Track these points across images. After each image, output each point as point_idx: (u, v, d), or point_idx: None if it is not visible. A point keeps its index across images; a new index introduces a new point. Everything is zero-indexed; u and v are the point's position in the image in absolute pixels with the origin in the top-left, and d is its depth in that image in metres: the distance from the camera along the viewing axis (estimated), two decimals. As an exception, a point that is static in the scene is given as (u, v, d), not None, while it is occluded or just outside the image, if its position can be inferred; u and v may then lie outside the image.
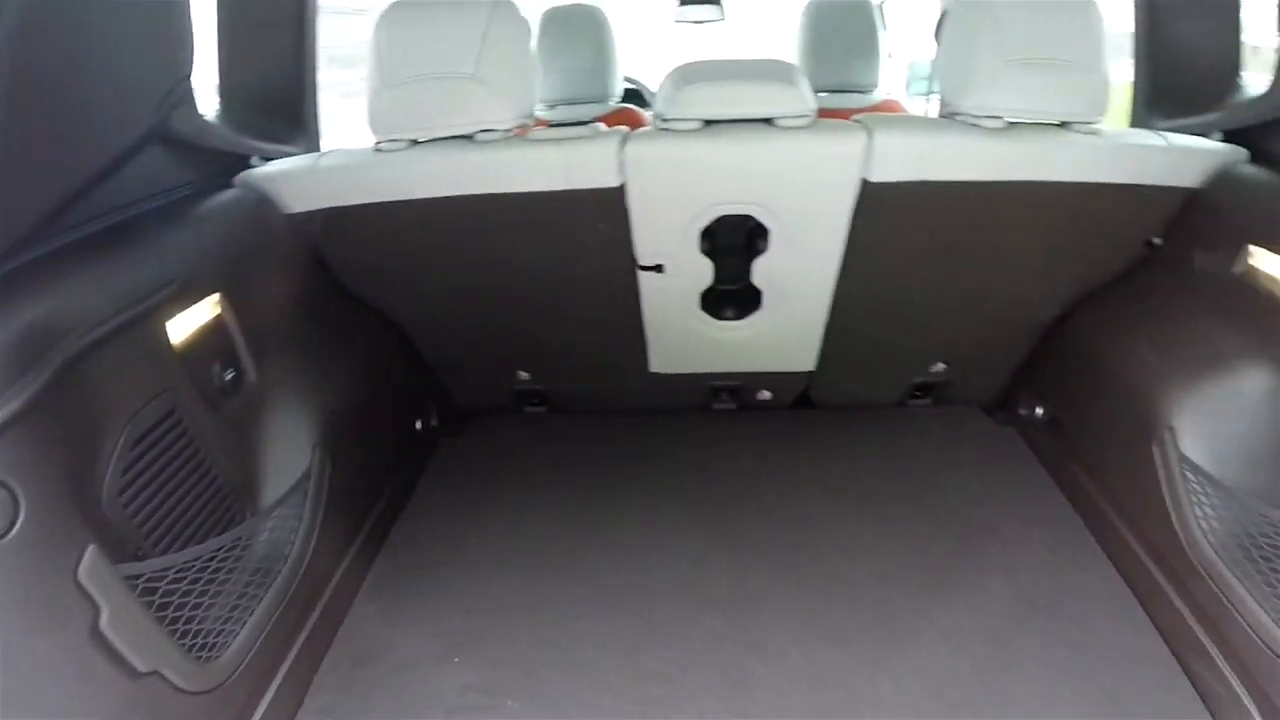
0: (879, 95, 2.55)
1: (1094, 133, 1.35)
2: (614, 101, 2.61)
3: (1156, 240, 1.52)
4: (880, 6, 2.86)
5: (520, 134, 1.42)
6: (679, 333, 1.76)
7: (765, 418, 2.07)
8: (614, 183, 1.40)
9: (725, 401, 2.06)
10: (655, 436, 2.04)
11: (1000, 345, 1.86)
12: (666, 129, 1.41)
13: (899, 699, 1.26)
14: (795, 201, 1.45)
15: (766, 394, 2.01)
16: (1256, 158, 1.38)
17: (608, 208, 1.44)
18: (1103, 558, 1.52)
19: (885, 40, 2.76)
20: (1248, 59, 1.51)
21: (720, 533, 1.67)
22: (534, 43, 2.81)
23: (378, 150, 1.44)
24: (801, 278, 1.60)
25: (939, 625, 1.40)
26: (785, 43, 2.68)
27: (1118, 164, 1.37)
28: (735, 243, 1.63)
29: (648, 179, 1.41)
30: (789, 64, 1.41)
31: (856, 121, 1.37)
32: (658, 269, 1.58)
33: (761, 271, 1.58)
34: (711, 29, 2.98)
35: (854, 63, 2.51)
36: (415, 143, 1.42)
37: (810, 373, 1.87)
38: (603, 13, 2.60)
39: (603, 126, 1.44)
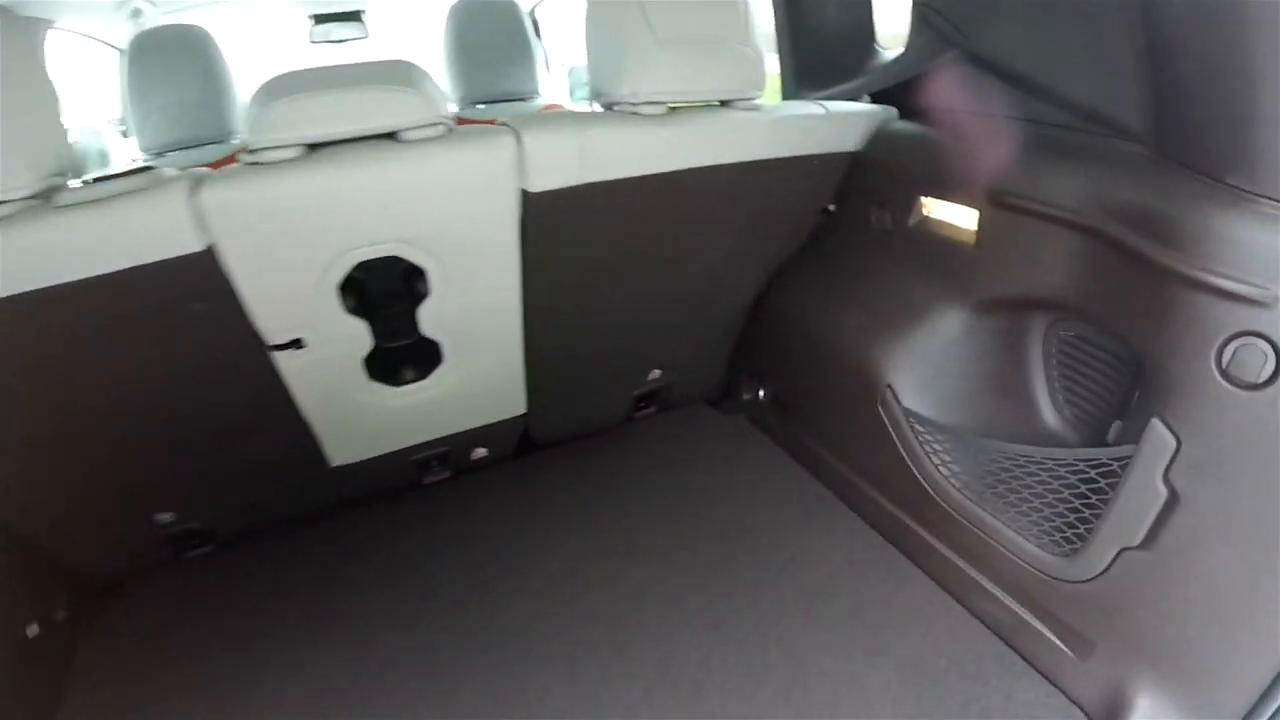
0: (541, 103, 2.38)
1: (755, 109, 1.29)
2: (238, 139, 2.09)
3: (830, 207, 1.53)
4: (532, 13, 2.74)
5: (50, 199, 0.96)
6: (351, 413, 1.37)
7: (488, 476, 1.75)
8: (195, 246, 0.99)
9: (437, 471, 1.70)
10: (360, 538, 1.60)
11: (709, 337, 1.79)
12: (258, 161, 1.03)
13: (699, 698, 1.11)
14: (446, 230, 1.17)
15: (482, 451, 1.69)
16: (904, 114, 1.43)
17: (198, 279, 1.03)
18: (861, 523, 1.49)
19: (541, 48, 2.64)
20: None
21: (462, 631, 1.33)
22: (122, 78, 2.20)
23: None
24: (481, 316, 1.33)
25: (728, 655, 1.23)
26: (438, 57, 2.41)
27: (783, 137, 1.33)
28: (391, 289, 1.28)
29: (243, 233, 1.02)
30: (409, 63, 1.12)
31: (502, 124, 1.14)
32: (296, 345, 1.19)
33: (431, 320, 1.28)
34: (355, 49, 2.59)
35: (508, 70, 2.32)
36: None
37: (524, 415, 1.61)
38: (207, 34, 2.06)
39: (171, 171, 1.02)
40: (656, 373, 1.76)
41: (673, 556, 1.45)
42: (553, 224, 1.23)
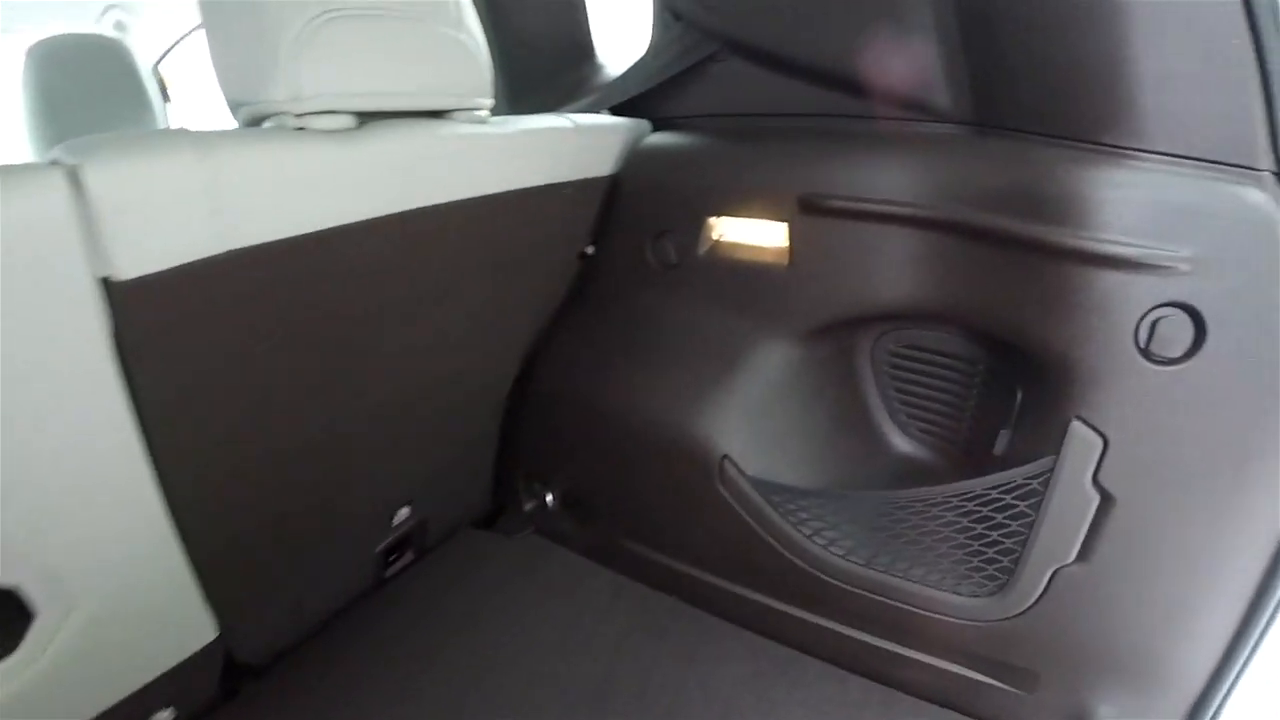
0: None
1: (480, 121, 0.93)
2: None
3: (589, 249, 1.23)
4: (155, 69, 1.99)
5: None
6: None
7: None
8: None
9: None
10: None
11: (467, 443, 1.33)
12: None
13: None
14: None
15: (166, 714, 0.98)
16: (658, 126, 1.20)
17: None
18: (734, 630, 1.17)
19: (165, 110, 1.87)
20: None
21: None
22: None
23: None
24: (79, 514, 0.72)
25: None
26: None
27: (527, 158, 0.99)
28: None
29: None
30: None
31: (52, 161, 0.60)
32: None
33: None
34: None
35: (117, 125, 1.58)
36: None
37: (219, 638, 0.97)
38: None
39: None
40: (404, 511, 1.24)
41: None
42: (176, 332, 0.70)
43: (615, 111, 1.23)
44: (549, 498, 1.35)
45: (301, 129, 0.75)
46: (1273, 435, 0.76)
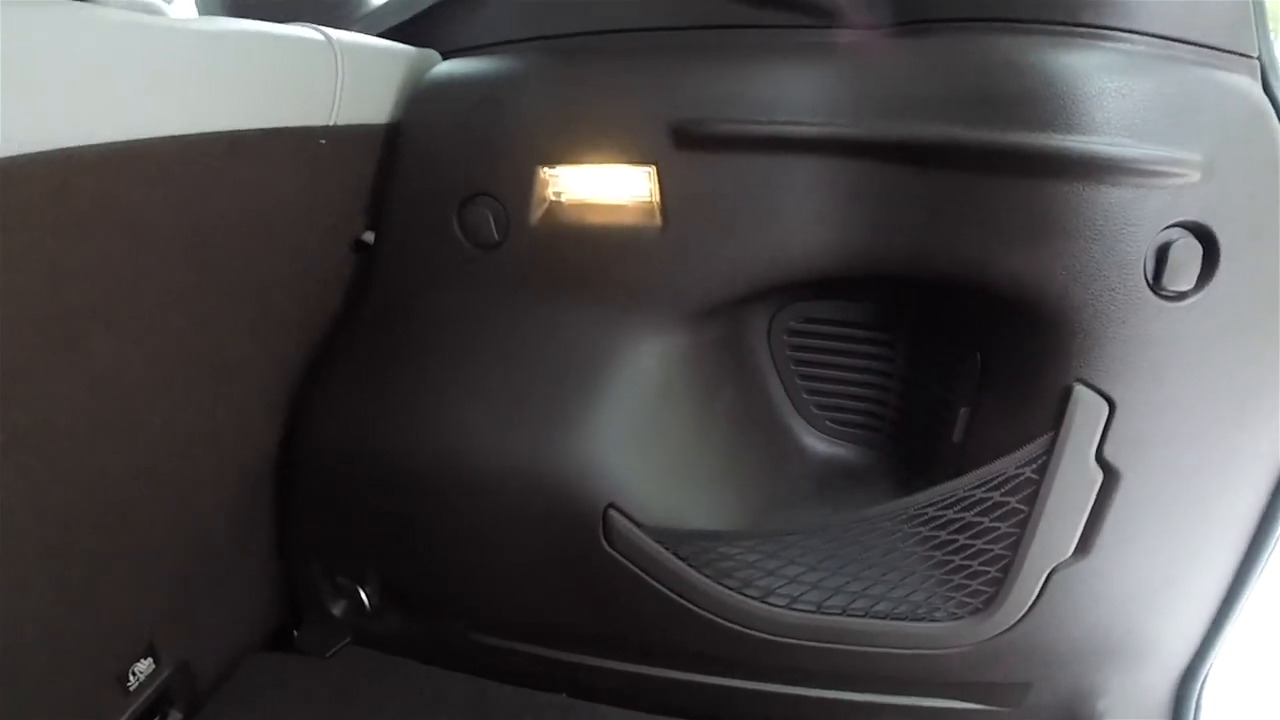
0: None
1: (155, 10, 0.56)
2: None
3: (367, 236, 0.86)
4: None
5: None
6: None
7: None
8: None
9: None
10: None
11: (222, 542, 0.88)
12: None
13: None
14: None
15: None
16: (450, 55, 0.86)
17: None
18: (625, 713, 0.87)
19: None
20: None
21: None
22: None
23: None
24: None
25: None
26: None
27: (240, 84, 0.61)
28: None
29: None
30: None
31: None
32: None
33: None
34: None
35: None
36: None
37: None
38: None
39: None
40: (144, 665, 0.78)
41: None
42: None
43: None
44: (364, 594, 0.94)
45: None
46: (1273, 370, 0.62)
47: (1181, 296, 0.60)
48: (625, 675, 0.86)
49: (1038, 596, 0.72)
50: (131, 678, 0.77)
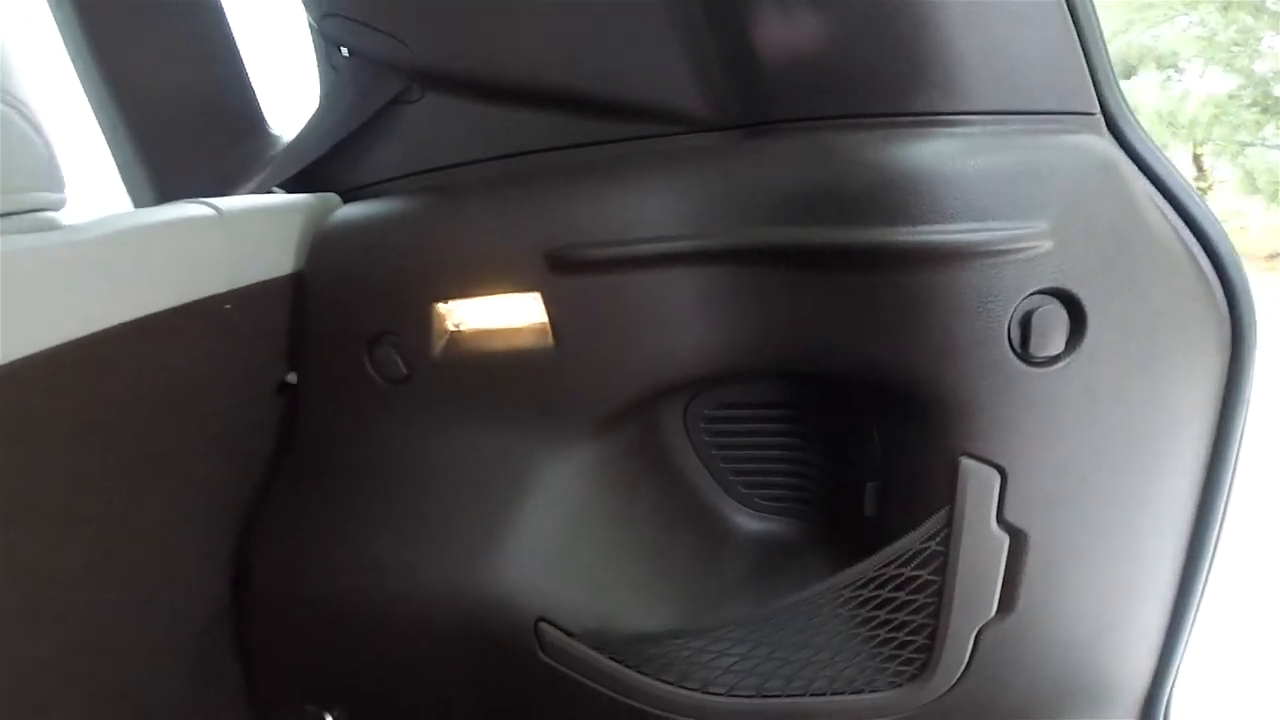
0: None
1: (52, 226, 0.60)
2: None
3: (289, 378, 0.88)
4: None
5: None
6: None
7: None
8: None
9: None
10: None
11: (179, 700, 0.87)
12: None
13: None
14: None
15: None
16: (350, 196, 0.90)
17: None
18: None
19: None
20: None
21: None
22: None
23: None
24: None
25: None
26: None
27: (144, 276, 0.66)
28: None
29: None
30: None
31: None
32: None
33: None
34: None
35: None
36: None
37: None
38: None
39: None
40: None
41: None
42: None
43: (291, 188, 0.91)
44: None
45: None
46: (1168, 417, 0.64)
47: (1054, 360, 0.62)
48: None
49: (971, 656, 0.73)
50: None
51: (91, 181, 0.96)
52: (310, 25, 0.85)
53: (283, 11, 0.91)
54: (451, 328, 0.82)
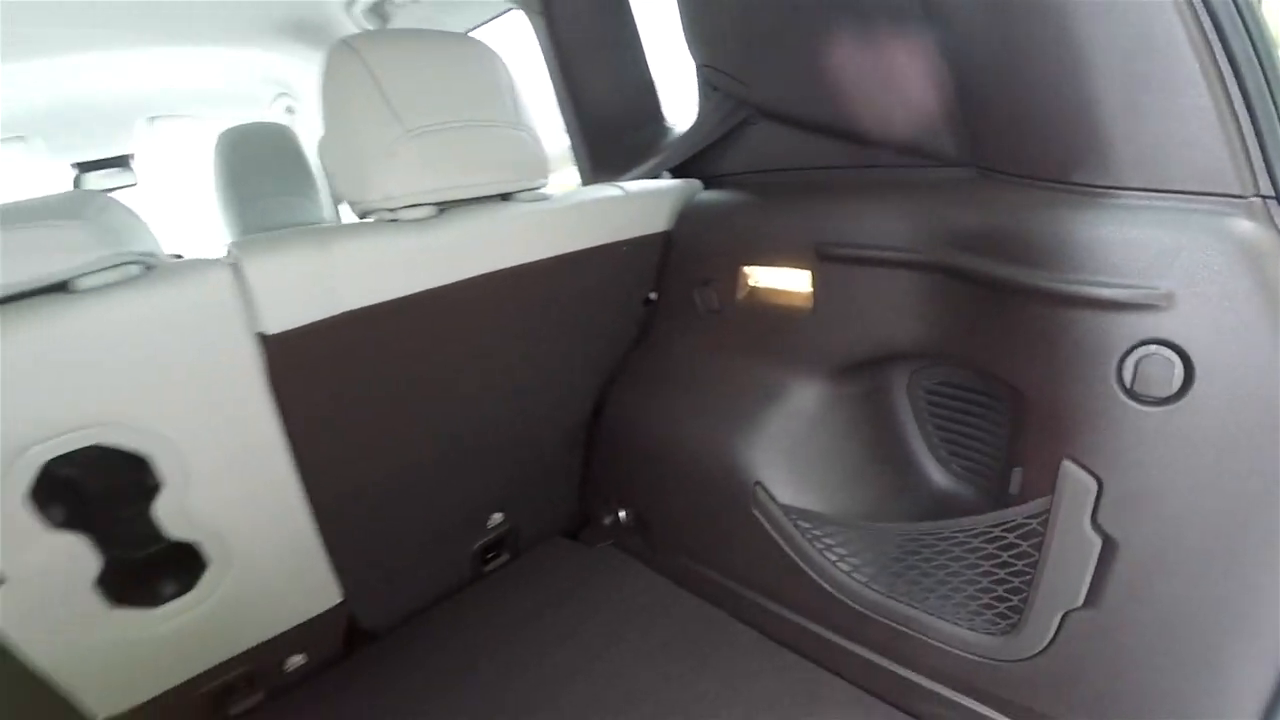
0: None
1: (543, 199, 1.13)
2: None
3: (652, 295, 1.38)
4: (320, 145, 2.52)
5: None
6: (101, 651, 0.98)
7: (313, 687, 1.32)
8: None
9: (244, 697, 1.26)
10: None
11: (552, 462, 1.53)
12: None
13: None
14: (162, 401, 0.88)
15: (299, 658, 1.29)
16: (710, 184, 1.33)
17: None
18: (771, 646, 1.24)
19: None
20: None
21: None
22: None
23: None
24: (244, 498, 1.01)
25: None
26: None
27: (581, 226, 1.17)
28: (112, 486, 0.96)
29: None
30: (84, 192, 0.89)
31: (222, 258, 0.89)
32: None
33: (174, 516, 0.95)
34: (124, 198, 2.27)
35: (287, 198, 2.05)
36: None
37: (343, 602, 1.25)
38: None
39: None
40: (498, 516, 1.47)
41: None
42: (311, 369, 0.96)
43: (674, 172, 1.38)
44: (622, 515, 1.50)
45: (394, 219, 0.99)
46: (1272, 477, 0.71)
47: (1163, 402, 0.74)
48: (755, 605, 1.24)
49: (1055, 635, 0.89)
50: (489, 522, 1.43)
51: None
52: (696, 68, 1.27)
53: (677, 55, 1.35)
54: (749, 284, 1.21)
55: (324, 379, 0.99)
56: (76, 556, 0.89)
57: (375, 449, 1.14)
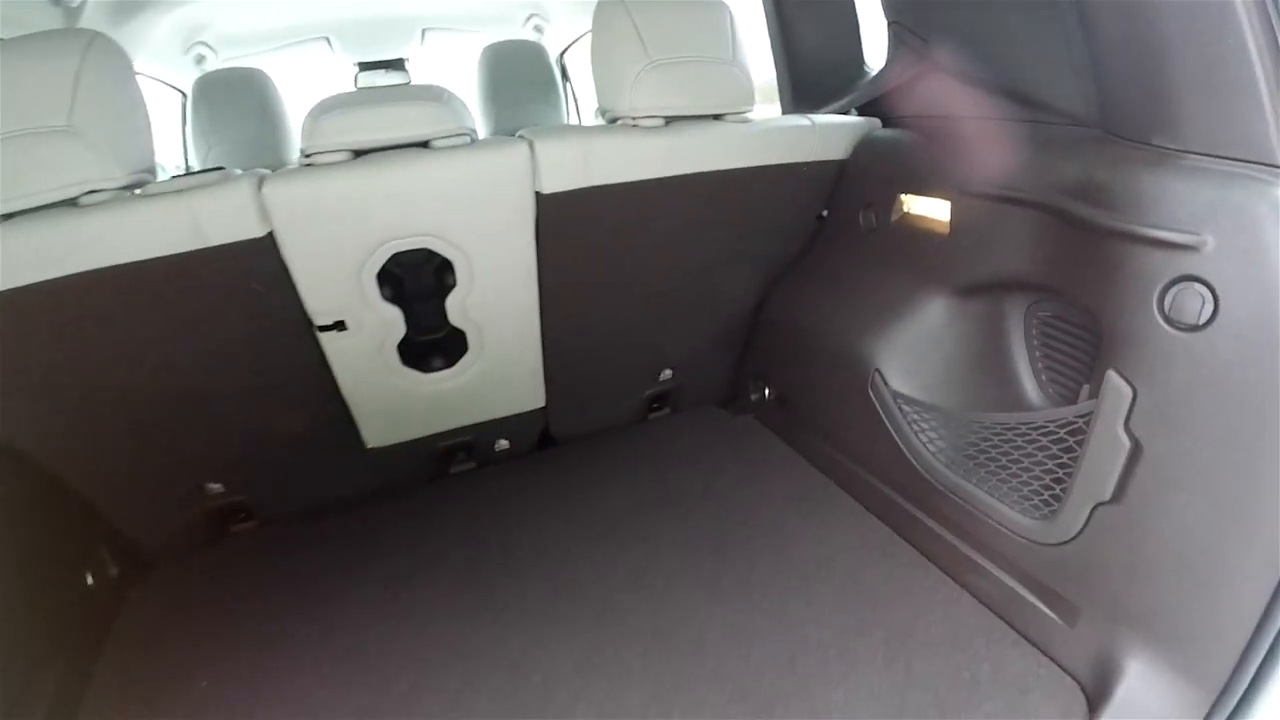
0: None
1: (745, 121, 1.44)
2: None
3: (824, 213, 1.65)
4: (561, 57, 2.99)
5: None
6: (386, 396, 1.52)
7: (511, 469, 1.86)
8: (258, 232, 1.17)
9: (462, 462, 1.83)
10: (392, 522, 1.70)
11: (717, 340, 1.89)
12: (312, 163, 1.23)
13: (696, 717, 1.12)
14: (470, 227, 1.34)
15: (504, 443, 1.82)
16: (887, 123, 1.55)
17: (259, 262, 1.21)
18: (857, 507, 1.54)
19: (570, 89, 2.87)
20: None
21: (490, 608, 1.40)
22: (185, 117, 2.52)
23: None
24: (502, 308, 1.48)
25: (725, 628, 1.28)
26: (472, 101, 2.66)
27: (772, 146, 1.46)
28: (423, 284, 1.47)
29: (298, 222, 1.21)
30: (439, 86, 1.33)
31: (519, 136, 1.31)
32: (339, 327, 1.35)
33: (458, 310, 1.44)
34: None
35: (535, 107, 2.54)
36: (6, 218, 1.09)
37: (544, 408, 1.73)
38: (265, 75, 2.38)
39: (238, 171, 1.20)
40: (668, 373, 1.87)
41: (677, 540, 1.52)
42: (564, 223, 1.37)
43: (859, 110, 1.62)
44: (766, 393, 1.84)
45: (635, 125, 1.37)
46: (1274, 406, 0.86)
47: (1192, 329, 0.90)
48: (860, 479, 1.53)
49: (1085, 524, 1.07)
50: (660, 376, 1.85)
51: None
52: (887, 24, 1.49)
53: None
54: (904, 210, 1.45)
55: (572, 235, 1.41)
56: (392, 323, 1.40)
57: (591, 296, 1.56)
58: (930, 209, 1.38)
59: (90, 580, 1.41)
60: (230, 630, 1.41)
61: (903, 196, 1.44)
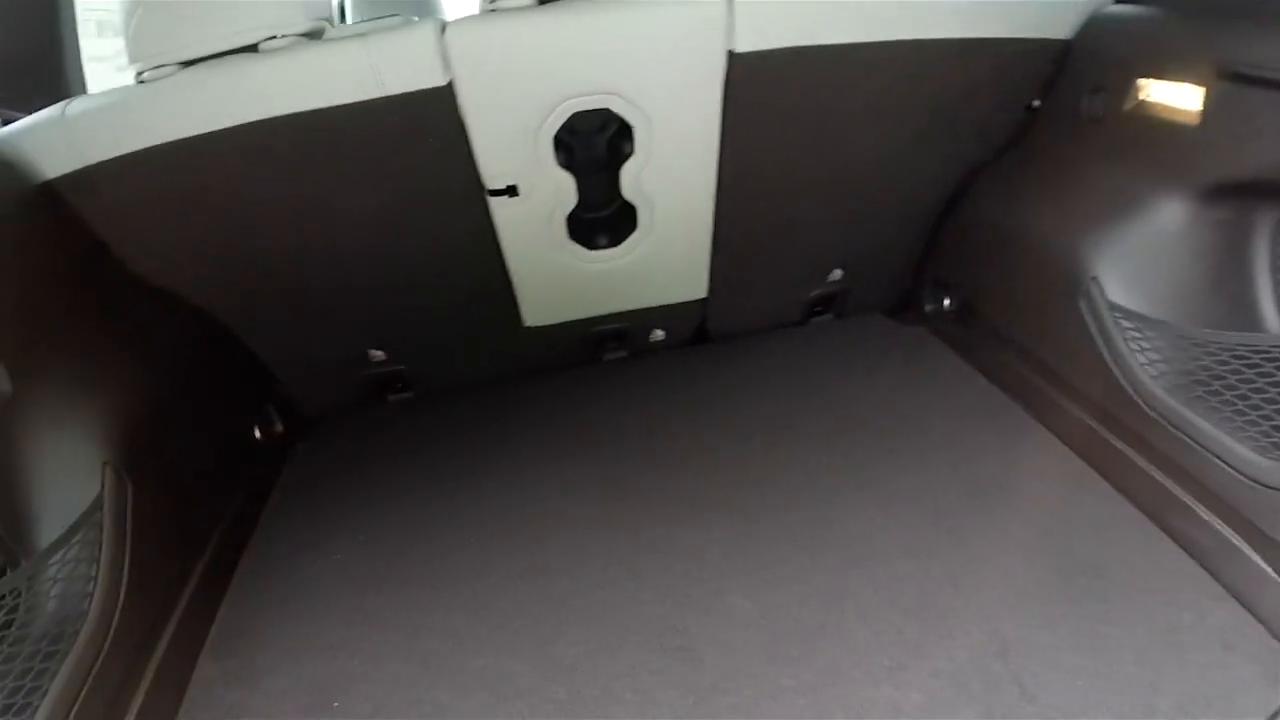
0: None
1: None
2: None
3: (1036, 103, 1.46)
4: None
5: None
6: (550, 271, 1.53)
7: (663, 361, 1.86)
8: (439, 80, 1.16)
9: (615, 349, 1.85)
10: (544, 404, 1.77)
11: (896, 239, 1.76)
12: (494, 10, 1.18)
13: (865, 624, 1.11)
14: (655, 86, 1.26)
15: (660, 333, 1.81)
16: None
17: (436, 114, 1.20)
18: (1047, 434, 1.43)
19: None
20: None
21: (639, 493, 1.44)
22: None
23: (140, 82, 1.14)
24: (677, 182, 1.41)
25: (895, 537, 1.25)
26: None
27: (989, 17, 1.28)
28: (596, 154, 1.44)
29: (480, 72, 1.18)
30: None
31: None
32: (510, 192, 1.35)
33: (632, 181, 1.39)
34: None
35: None
36: (186, 65, 1.13)
37: (704, 300, 1.69)
38: None
39: (416, 18, 1.19)
40: (838, 273, 1.77)
41: (836, 445, 1.49)
42: (756, 89, 1.27)
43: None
44: (946, 302, 1.71)
45: None
46: None
47: None
48: (1059, 408, 1.40)
49: None
50: (829, 276, 1.76)
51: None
52: None
53: None
54: (1141, 96, 1.25)
55: (759, 105, 1.30)
56: (564, 192, 1.37)
57: (770, 177, 1.46)
58: (1175, 96, 1.17)
59: (258, 434, 1.60)
60: (385, 490, 1.54)
61: (1140, 81, 1.22)
